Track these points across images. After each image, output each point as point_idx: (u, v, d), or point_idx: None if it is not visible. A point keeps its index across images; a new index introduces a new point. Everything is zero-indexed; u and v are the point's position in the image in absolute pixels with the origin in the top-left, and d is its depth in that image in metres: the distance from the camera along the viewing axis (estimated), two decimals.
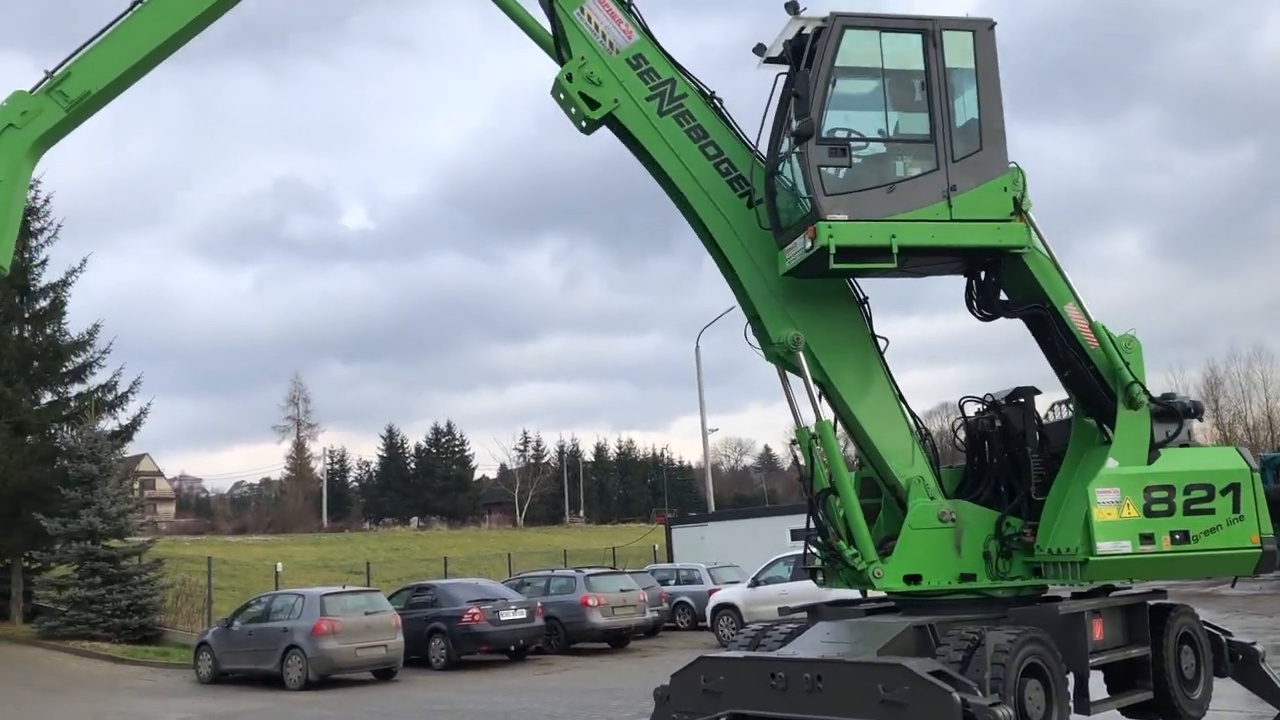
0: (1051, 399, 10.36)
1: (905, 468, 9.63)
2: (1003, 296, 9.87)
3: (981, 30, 9.58)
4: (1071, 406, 9.95)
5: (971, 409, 10.30)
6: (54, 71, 9.37)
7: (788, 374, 9.89)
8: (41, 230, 31.46)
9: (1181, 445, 9.40)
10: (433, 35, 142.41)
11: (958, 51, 9.53)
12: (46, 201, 31.63)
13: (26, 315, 31.28)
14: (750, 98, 10.00)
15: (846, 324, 9.93)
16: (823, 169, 9.05)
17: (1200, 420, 10.04)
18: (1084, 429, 9.74)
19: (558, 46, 10.03)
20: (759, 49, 9.88)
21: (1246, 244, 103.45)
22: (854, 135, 9.41)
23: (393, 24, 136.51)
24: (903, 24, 9.53)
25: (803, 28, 9.42)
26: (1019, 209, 9.42)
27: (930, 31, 9.45)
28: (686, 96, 9.97)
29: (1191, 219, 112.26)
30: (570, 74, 9.86)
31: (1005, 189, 9.41)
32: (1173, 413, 9.42)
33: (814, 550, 9.87)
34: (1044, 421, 10.09)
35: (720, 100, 10.12)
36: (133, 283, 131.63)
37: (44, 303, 31.52)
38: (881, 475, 9.80)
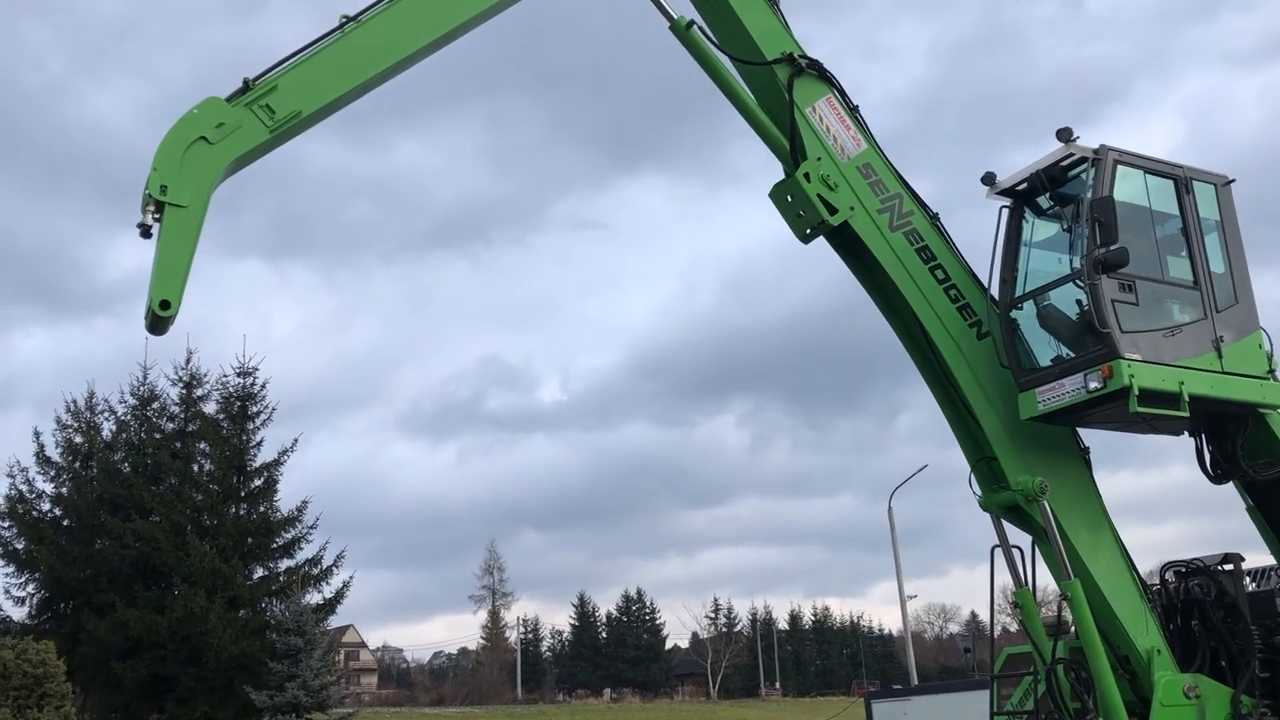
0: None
1: (1141, 635, 8.93)
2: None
3: (1221, 184, 9.55)
4: None
5: (1171, 574, 9.77)
6: (255, 80, 7.75)
7: (1005, 527, 9.38)
8: (258, 413, 33.66)
9: None
10: (622, 217, 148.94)
11: (1205, 203, 9.44)
12: (263, 387, 33.91)
13: (243, 494, 33.15)
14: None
15: (1077, 475, 9.41)
16: (1116, 304, 8.65)
17: None
18: None
19: (792, 146, 9.40)
20: (989, 179, 9.66)
21: None
22: (1140, 276, 8.92)
23: (585, 210, 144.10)
24: (1160, 167, 9.40)
25: (1066, 157, 9.20)
26: (1271, 368, 9.19)
27: (1182, 179, 9.36)
28: (914, 214, 9.56)
29: None
30: (808, 173, 9.25)
31: (1260, 345, 9.20)
32: None
33: None
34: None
35: (941, 222, 9.71)
36: (345, 460, 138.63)
37: (258, 482, 33.38)
38: (1114, 642, 9.00)
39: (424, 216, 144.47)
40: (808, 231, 9.44)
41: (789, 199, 9.44)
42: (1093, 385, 8.53)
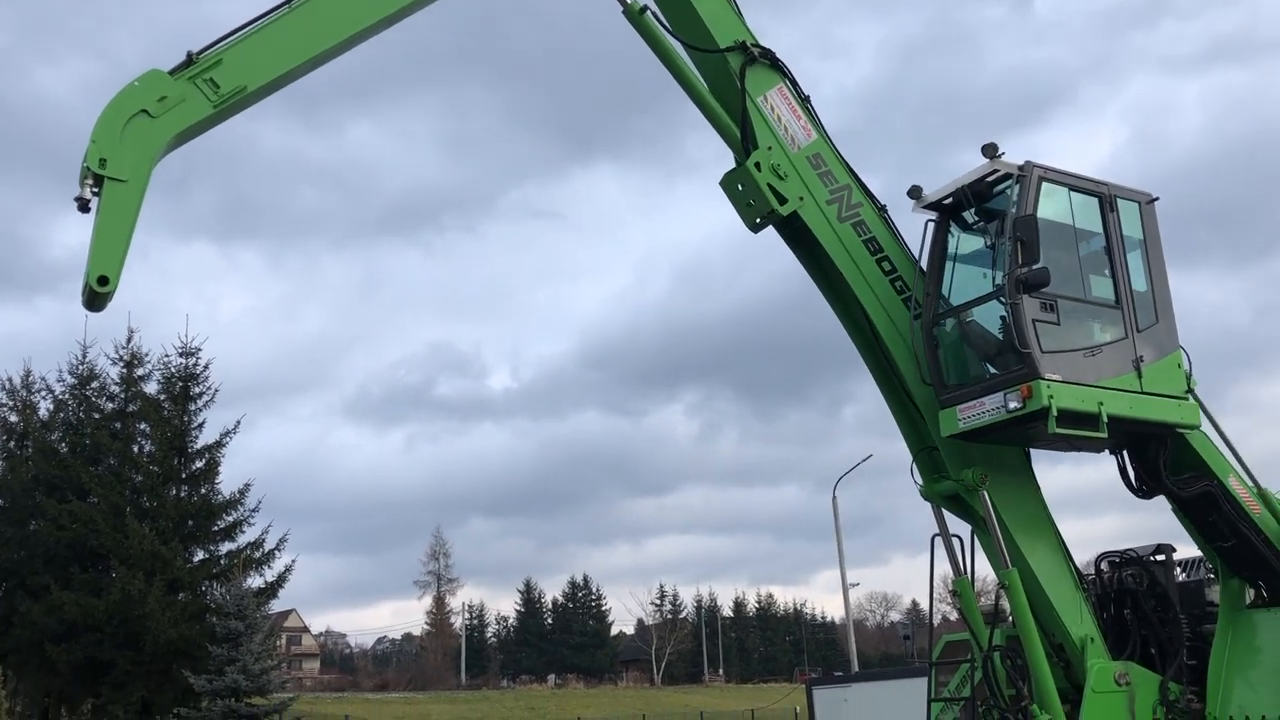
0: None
1: (1076, 624, 9.11)
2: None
3: (1145, 202, 9.57)
4: (1210, 567, 9.74)
5: (1105, 564, 10.01)
6: (199, 54, 7.54)
7: (945, 517, 9.50)
8: (200, 395, 33.12)
9: None
10: (576, 207, 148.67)
11: (1129, 221, 9.45)
12: (206, 368, 33.37)
13: (184, 476, 32.64)
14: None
15: (1016, 467, 9.52)
16: (1037, 323, 8.59)
17: None
18: (1230, 590, 9.48)
19: (743, 135, 9.39)
20: (915, 192, 9.66)
21: None
22: (1063, 295, 8.85)
23: (538, 199, 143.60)
24: (1084, 185, 9.37)
25: (992, 173, 9.20)
26: (1189, 387, 9.28)
27: (1107, 196, 9.35)
28: (862, 206, 9.57)
29: None
30: (759, 162, 9.25)
31: (1179, 365, 9.25)
32: None
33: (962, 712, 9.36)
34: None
35: (889, 214, 9.72)
36: (291, 444, 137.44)
37: (200, 464, 32.87)
38: (1049, 630, 9.16)
39: (375, 202, 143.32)
40: (757, 221, 9.47)
41: (739, 188, 9.44)
42: (1012, 405, 8.52)
